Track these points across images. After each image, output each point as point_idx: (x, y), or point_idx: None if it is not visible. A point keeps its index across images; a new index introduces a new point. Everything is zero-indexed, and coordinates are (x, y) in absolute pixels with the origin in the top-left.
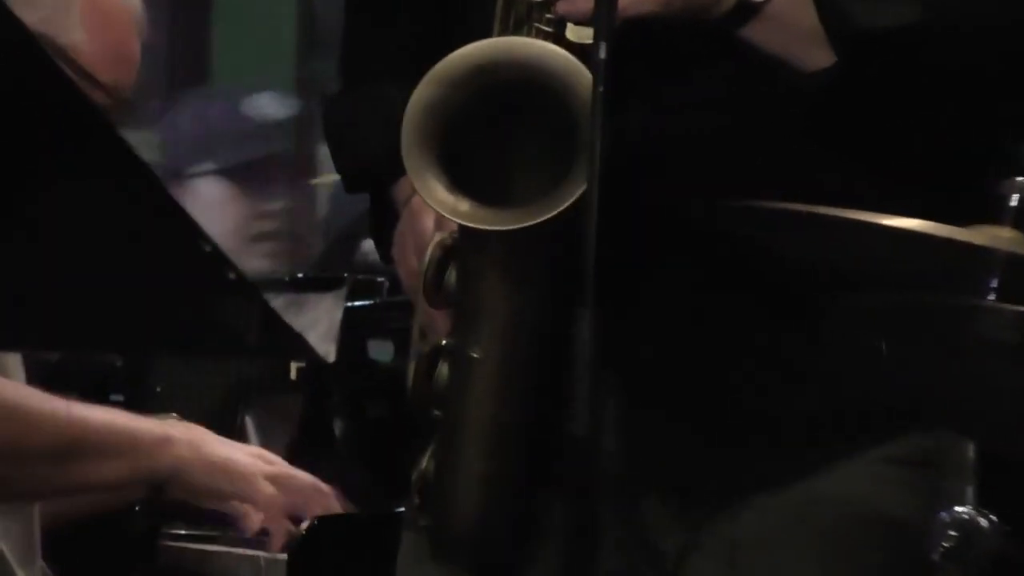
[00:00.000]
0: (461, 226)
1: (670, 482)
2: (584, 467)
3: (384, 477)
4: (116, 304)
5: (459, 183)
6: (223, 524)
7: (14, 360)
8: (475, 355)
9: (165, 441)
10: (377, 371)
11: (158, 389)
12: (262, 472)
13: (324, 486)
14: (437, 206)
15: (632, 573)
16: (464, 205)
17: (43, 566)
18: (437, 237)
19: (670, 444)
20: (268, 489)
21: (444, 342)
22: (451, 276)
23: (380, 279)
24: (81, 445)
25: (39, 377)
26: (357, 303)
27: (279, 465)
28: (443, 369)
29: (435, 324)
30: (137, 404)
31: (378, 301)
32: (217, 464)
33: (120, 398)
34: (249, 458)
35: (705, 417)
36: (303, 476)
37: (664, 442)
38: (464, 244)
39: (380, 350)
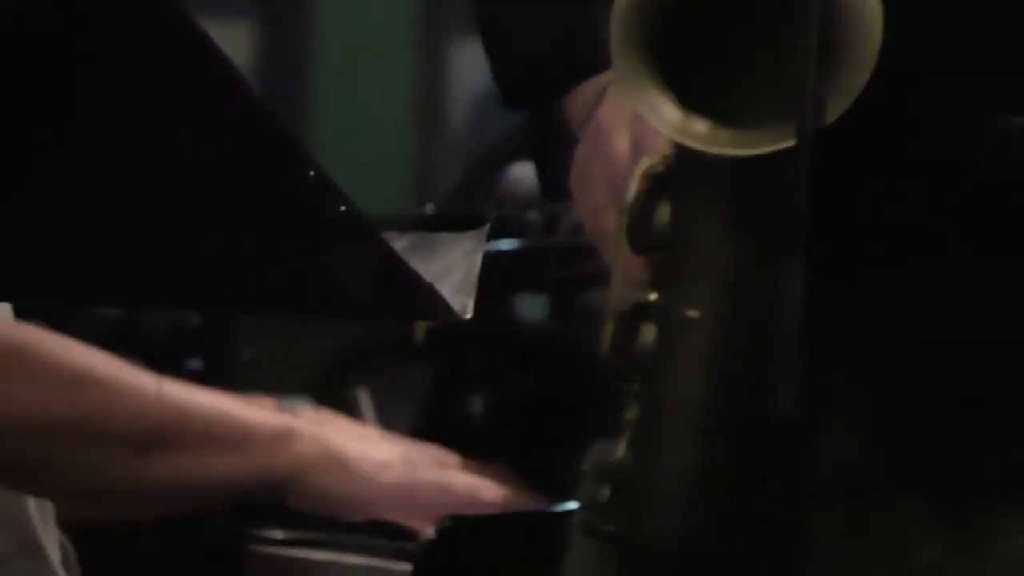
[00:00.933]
0: (678, 152)
1: (926, 483)
2: (789, 459)
3: (535, 467)
4: (192, 249)
5: (688, 97)
6: (330, 526)
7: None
8: (691, 315)
9: (285, 435)
10: (527, 333)
11: (244, 355)
12: (420, 478)
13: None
14: (665, 126)
15: None
16: (700, 126)
17: (60, 536)
18: (644, 165)
19: (928, 438)
20: (425, 495)
21: (650, 298)
22: (661, 214)
23: (532, 216)
24: (172, 432)
25: (93, 341)
26: (502, 247)
27: (445, 465)
28: (647, 332)
29: (638, 274)
30: (218, 374)
31: (529, 244)
32: (350, 463)
33: (198, 365)
34: (397, 456)
35: (969, 406)
36: (471, 479)
37: (920, 436)
38: (682, 174)
39: (531, 306)
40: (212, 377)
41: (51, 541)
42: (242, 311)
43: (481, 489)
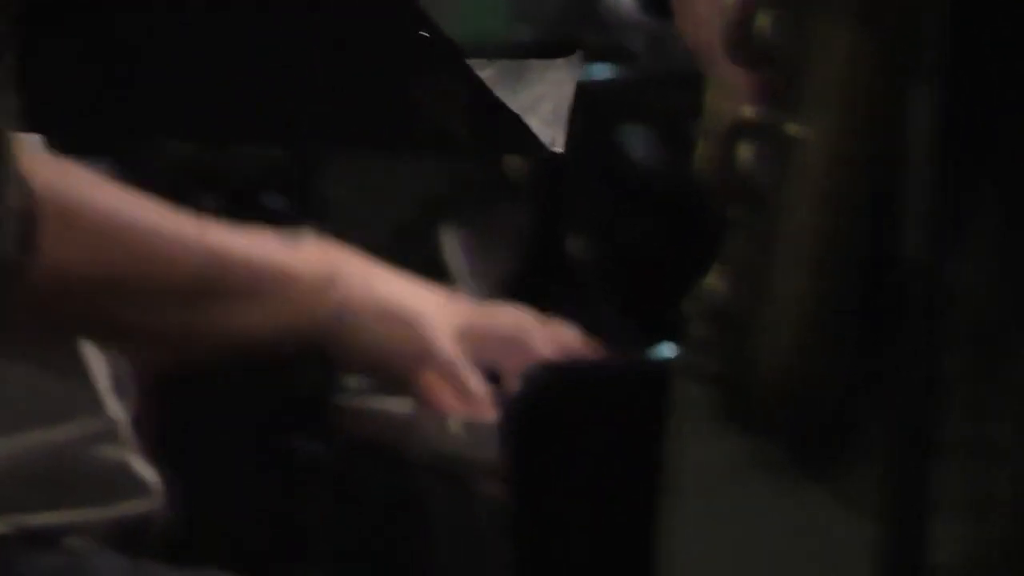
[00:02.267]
0: None
1: None
2: (923, 302)
3: (642, 315)
4: (272, 80)
5: None
6: None
7: None
8: (796, 132)
9: (328, 279)
10: (631, 169)
11: (326, 195)
12: (453, 324)
13: (555, 325)
14: None
15: (991, 444)
16: None
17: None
18: None
19: None
20: (449, 352)
21: (751, 114)
22: (765, 23)
23: (634, 41)
24: (216, 281)
25: (168, 178)
26: (601, 75)
27: (478, 314)
28: (748, 151)
29: (740, 89)
30: (300, 214)
31: (631, 72)
32: (389, 311)
33: (278, 205)
34: (435, 306)
35: None
36: (519, 321)
37: None
38: None
39: (635, 140)
40: (294, 217)
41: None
42: (324, 147)
43: (554, 346)
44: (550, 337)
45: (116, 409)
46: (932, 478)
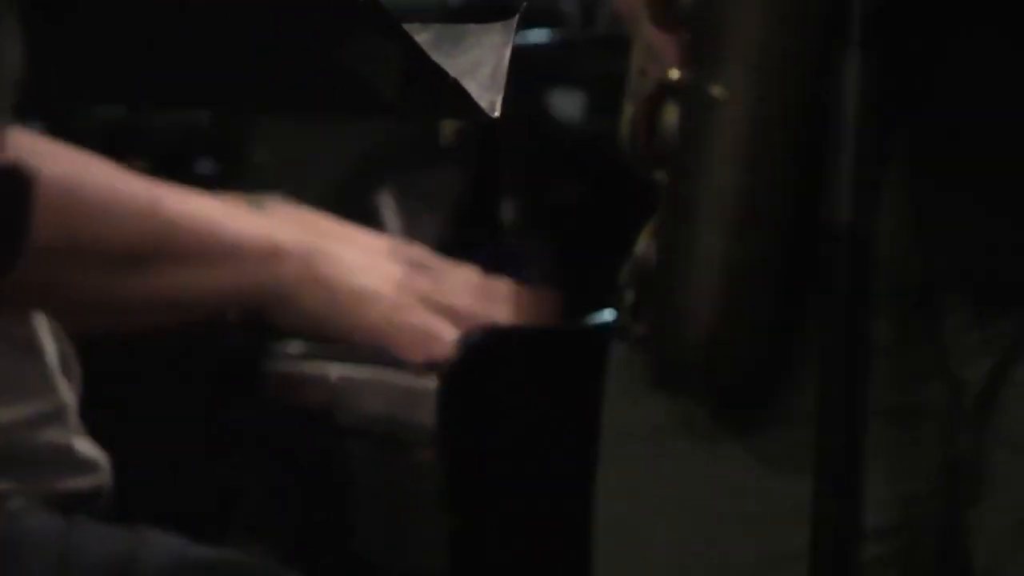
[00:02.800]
0: None
1: (983, 290)
2: (848, 263)
3: (574, 277)
4: (200, 41)
5: None
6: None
7: None
8: (718, 94)
9: (272, 254)
10: (563, 132)
11: (257, 158)
12: (411, 291)
13: (501, 287)
14: None
15: (920, 407)
16: None
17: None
18: None
19: (980, 230)
20: (414, 319)
21: (675, 77)
22: None
23: (566, 5)
24: (161, 246)
25: (98, 141)
26: (534, 39)
27: (437, 274)
28: (671, 114)
29: (662, 53)
30: (230, 177)
31: (564, 35)
32: (340, 291)
33: (208, 170)
34: (388, 283)
35: None
36: (471, 282)
37: (973, 229)
38: None
39: (567, 103)
40: (224, 180)
41: (47, 340)
42: (254, 110)
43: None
44: (504, 298)
45: (64, 391)
46: (863, 440)
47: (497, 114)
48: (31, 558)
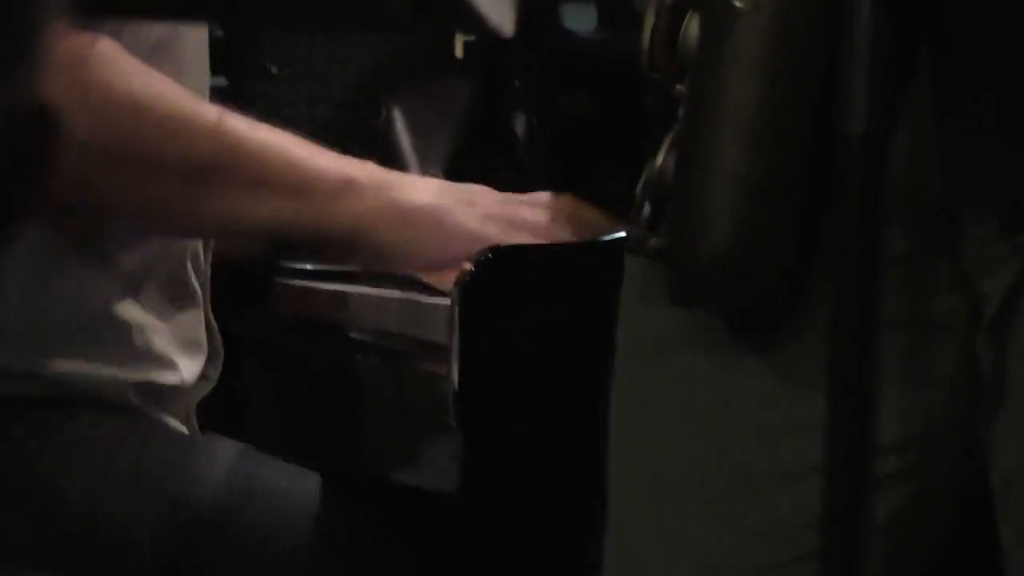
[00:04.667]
0: None
1: (999, 200)
2: (863, 176)
3: (585, 192)
4: None
5: None
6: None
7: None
8: (739, 3)
9: (347, 187)
10: (575, 46)
11: (273, 70)
12: (480, 219)
13: (564, 203)
14: None
15: (937, 318)
16: None
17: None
18: None
19: (1005, 145)
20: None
21: None
22: None
23: None
24: (228, 168)
25: None
26: None
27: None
28: (692, 26)
29: None
30: (244, 90)
31: None
32: (416, 217)
33: (222, 81)
34: (466, 205)
35: None
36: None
37: (997, 143)
38: None
39: (578, 16)
40: (236, 94)
41: None
42: (266, 23)
43: (550, 229)
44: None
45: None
46: (876, 351)
47: (509, 32)
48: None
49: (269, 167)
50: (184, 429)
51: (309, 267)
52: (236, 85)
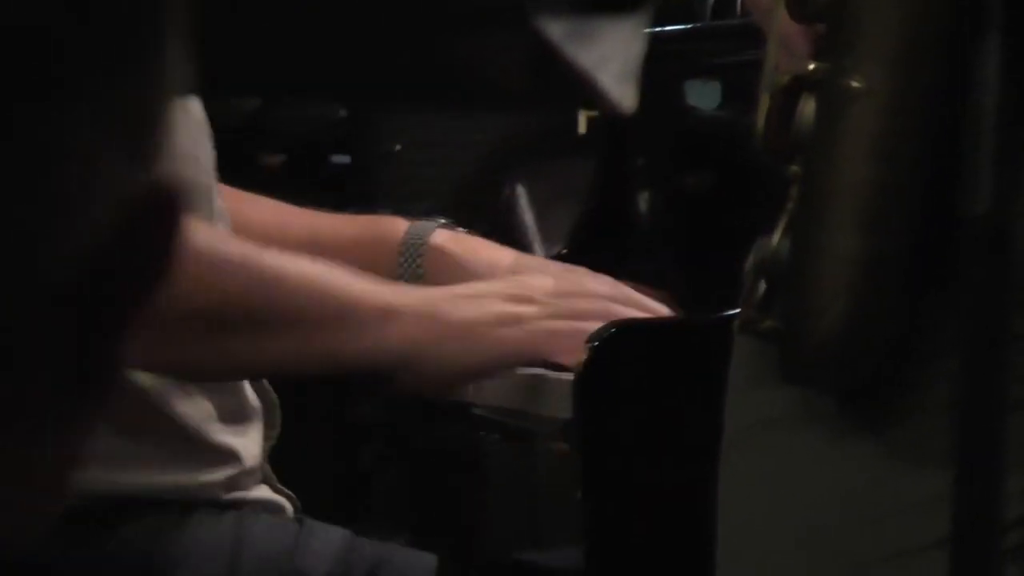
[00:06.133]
0: None
1: None
2: (987, 258)
3: (707, 269)
4: (335, 34)
5: None
6: None
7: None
8: (856, 84)
9: (386, 313)
10: (699, 123)
11: (397, 147)
12: (544, 328)
13: (624, 291)
14: None
15: None
16: None
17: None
18: None
19: None
20: (553, 343)
21: (809, 68)
22: None
23: None
24: (267, 310)
25: (228, 134)
26: (668, 28)
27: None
28: (807, 107)
29: (796, 45)
30: (367, 168)
31: (699, 25)
32: (463, 335)
33: (345, 159)
34: (510, 308)
35: None
36: (584, 295)
37: None
38: None
39: (703, 94)
40: (358, 173)
41: None
42: (388, 103)
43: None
44: (624, 299)
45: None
46: (1005, 431)
47: (631, 108)
48: (205, 549)
49: (306, 304)
50: (280, 499)
51: None
52: (359, 163)
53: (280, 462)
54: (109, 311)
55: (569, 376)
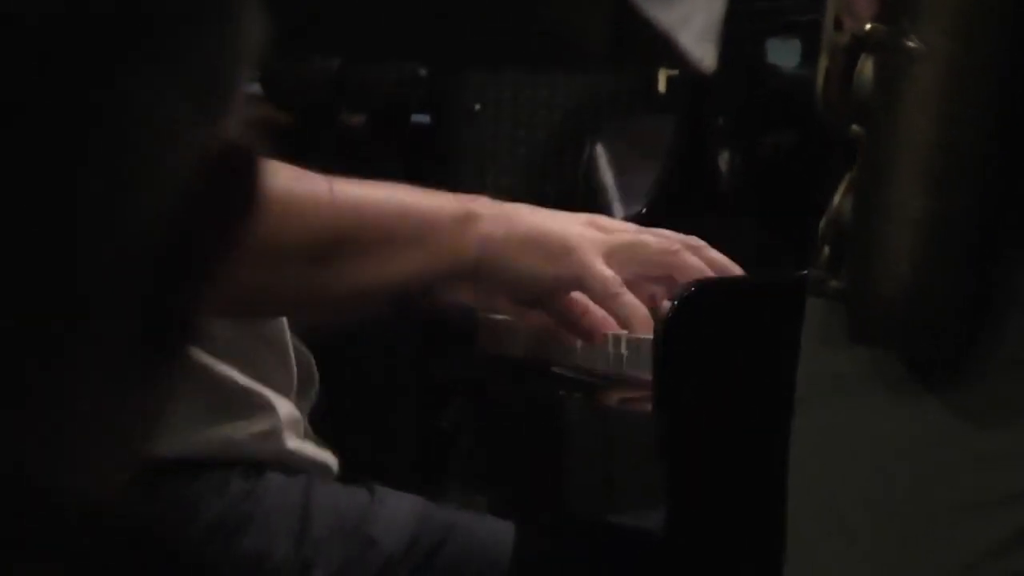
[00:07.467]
0: None
1: None
2: None
3: (787, 229)
4: None
5: None
6: None
7: None
8: (914, 45)
9: (467, 218)
10: (779, 81)
11: (477, 107)
12: (601, 244)
13: (696, 242)
14: None
15: None
16: None
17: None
18: None
19: None
20: (605, 271)
21: (868, 29)
22: None
23: None
24: (350, 238)
25: (316, 94)
26: None
27: (623, 232)
28: (867, 67)
29: (857, 5)
30: (448, 127)
31: None
32: (538, 240)
33: (425, 119)
34: (581, 228)
35: None
36: (661, 238)
37: None
38: None
39: (782, 52)
40: (438, 132)
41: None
42: (470, 63)
43: (687, 243)
44: (693, 255)
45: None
46: None
47: (711, 67)
48: (274, 513)
49: (388, 225)
50: (324, 458)
51: None
52: (440, 123)
53: (360, 422)
54: (193, 264)
55: (650, 336)
